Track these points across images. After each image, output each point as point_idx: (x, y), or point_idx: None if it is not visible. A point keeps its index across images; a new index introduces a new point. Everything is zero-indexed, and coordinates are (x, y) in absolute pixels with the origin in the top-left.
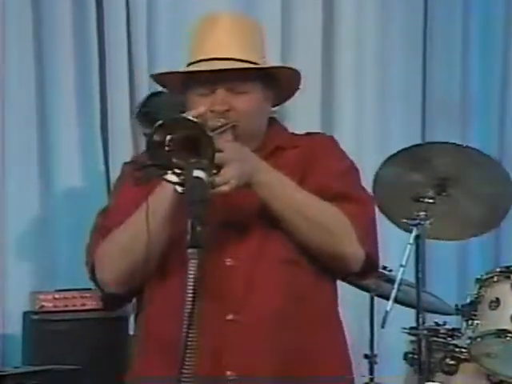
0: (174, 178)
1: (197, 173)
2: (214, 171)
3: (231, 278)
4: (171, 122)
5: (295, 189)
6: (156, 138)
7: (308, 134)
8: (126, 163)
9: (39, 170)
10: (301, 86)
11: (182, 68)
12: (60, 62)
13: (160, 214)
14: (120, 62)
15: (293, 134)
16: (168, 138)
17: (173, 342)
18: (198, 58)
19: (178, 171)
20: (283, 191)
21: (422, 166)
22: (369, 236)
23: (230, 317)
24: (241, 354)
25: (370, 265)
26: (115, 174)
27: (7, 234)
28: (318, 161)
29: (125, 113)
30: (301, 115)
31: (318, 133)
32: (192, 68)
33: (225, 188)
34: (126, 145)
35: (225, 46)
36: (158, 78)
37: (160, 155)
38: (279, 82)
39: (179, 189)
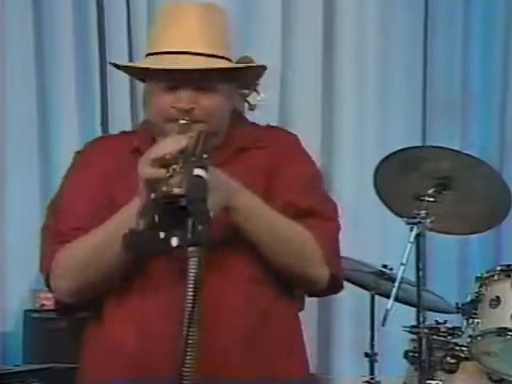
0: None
1: (197, 171)
2: None
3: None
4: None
5: (268, 212)
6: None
7: (269, 127)
8: (78, 152)
9: (40, 168)
10: (301, 85)
11: (143, 63)
12: (61, 62)
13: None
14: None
15: (253, 126)
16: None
17: (129, 348)
18: (160, 50)
19: (163, 234)
20: (257, 215)
21: (422, 165)
22: (334, 256)
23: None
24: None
25: (334, 283)
26: None
27: (8, 232)
28: (283, 169)
29: (126, 112)
30: (301, 115)
31: (280, 129)
32: (153, 64)
33: None
34: None
35: (189, 38)
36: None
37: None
38: (246, 76)
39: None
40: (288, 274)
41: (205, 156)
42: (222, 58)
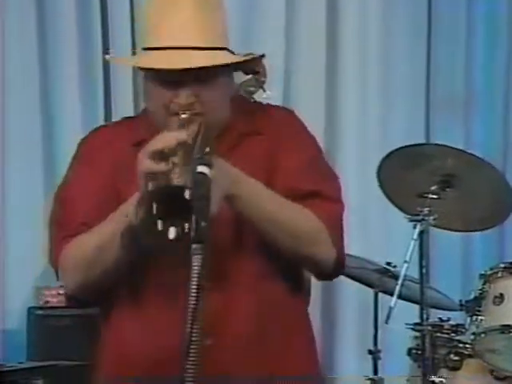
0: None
1: (201, 168)
2: None
3: (206, 299)
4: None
5: (270, 197)
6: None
7: (268, 108)
8: (81, 142)
9: (43, 164)
10: (305, 81)
11: (141, 60)
12: (64, 58)
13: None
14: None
15: (251, 106)
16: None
17: (140, 357)
18: (158, 45)
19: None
20: (258, 202)
21: (426, 163)
22: (339, 238)
23: (208, 342)
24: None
25: (340, 264)
26: None
27: (11, 230)
28: (284, 153)
29: (129, 108)
30: (305, 112)
31: (279, 109)
32: (151, 63)
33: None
34: None
35: (187, 31)
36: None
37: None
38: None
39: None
40: (295, 257)
41: (207, 150)
42: (221, 49)
